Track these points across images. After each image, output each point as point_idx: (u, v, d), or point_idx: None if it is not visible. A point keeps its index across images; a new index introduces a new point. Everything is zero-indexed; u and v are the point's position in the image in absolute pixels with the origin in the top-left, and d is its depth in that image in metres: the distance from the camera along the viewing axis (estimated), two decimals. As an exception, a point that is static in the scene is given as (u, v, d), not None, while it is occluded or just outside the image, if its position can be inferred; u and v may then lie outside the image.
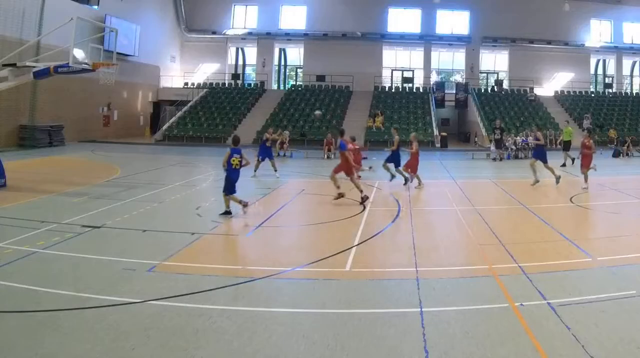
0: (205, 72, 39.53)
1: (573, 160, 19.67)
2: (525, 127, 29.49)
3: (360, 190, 11.47)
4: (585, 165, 14.21)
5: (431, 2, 36.85)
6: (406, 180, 14.13)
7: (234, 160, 9.95)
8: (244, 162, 10.09)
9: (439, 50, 39.52)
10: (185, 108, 34.02)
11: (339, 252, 7.43)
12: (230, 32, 39.21)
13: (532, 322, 4.91)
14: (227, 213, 9.78)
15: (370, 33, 38.05)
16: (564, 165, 19.77)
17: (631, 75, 40.02)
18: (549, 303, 5.37)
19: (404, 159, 14.55)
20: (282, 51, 40.73)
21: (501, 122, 25.85)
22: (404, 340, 4.61)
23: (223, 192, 9.89)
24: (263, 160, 16.12)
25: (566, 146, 21.65)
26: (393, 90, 37.39)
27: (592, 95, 37.37)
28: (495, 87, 38.42)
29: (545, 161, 14.47)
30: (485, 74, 40.30)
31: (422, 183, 14.03)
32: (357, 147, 15.46)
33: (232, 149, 10.11)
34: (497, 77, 39.91)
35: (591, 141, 14.72)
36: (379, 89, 37.07)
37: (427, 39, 38.59)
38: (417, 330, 4.81)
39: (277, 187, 13.59)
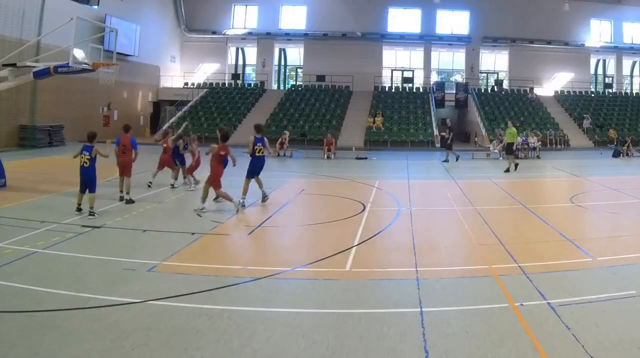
0: (205, 72, 39.51)
1: (516, 165, 18.47)
2: (526, 127, 29.53)
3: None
4: (212, 181, 10.19)
5: (431, 2, 36.80)
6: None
7: (82, 158, 9.68)
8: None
9: (439, 50, 39.49)
10: (185, 108, 34.00)
11: (339, 252, 7.43)
12: (230, 32, 39.20)
13: (532, 322, 4.91)
14: (79, 209, 9.62)
15: (370, 33, 38.03)
16: (508, 170, 18.24)
17: (631, 75, 40.00)
18: (549, 303, 5.37)
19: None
20: (282, 51, 40.71)
21: (451, 121, 24.94)
22: (404, 340, 4.61)
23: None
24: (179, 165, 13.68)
25: (509, 149, 19.36)
26: (393, 90, 37.38)
27: (592, 95, 37.37)
28: (495, 87, 38.40)
29: (251, 177, 10.98)
30: (485, 74, 40.28)
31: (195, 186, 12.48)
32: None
33: (84, 145, 9.74)
34: (497, 77, 39.89)
35: (228, 148, 10.41)
36: (379, 89, 37.06)
37: (427, 39, 38.56)
38: (417, 330, 4.81)
39: (277, 187, 13.57)
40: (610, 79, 39.54)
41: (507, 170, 18.18)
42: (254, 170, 10.97)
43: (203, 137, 30.42)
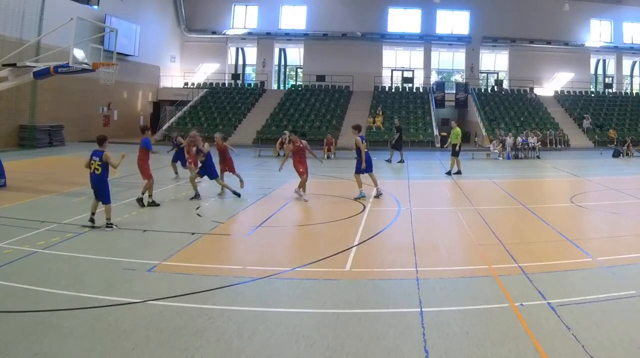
0: (205, 72, 39.51)
1: (450, 172, 17.04)
2: (526, 127, 29.52)
3: None
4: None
5: (431, 2, 36.81)
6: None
7: (92, 164, 8.67)
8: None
9: (439, 50, 39.48)
10: (185, 108, 34.00)
11: (339, 252, 7.43)
12: (230, 32, 39.19)
13: (532, 322, 4.91)
14: (91, 220, 8.77)
15: (370, 33, 38.03)
16: (458, 172, 16.93)
17: (631, 75, 39.99)
18: (549, 303, 5.37)
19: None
20: (282, 51, 40.71)
21: (400, 121, 23.48)
22: (404, 340, 4.61)
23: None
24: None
25: (454, 151, 17.61)
26: (393, 90, 37.38)
27: (592, 95, 37.36)
28: (495, 87, 38.40)
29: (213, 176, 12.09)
30: (485, 74, 40.26)
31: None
32: None
33: (94, 150, 8.80)
34: (497, 77, 39.89)
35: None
36: (379, 89, 37.05)
37: (427, 39, 38.56)
38: (417, 330, 4.81)
39: (277, 187, 13.58)
40: (610, 79, 39.53)
41: (450, 173, 16.99)
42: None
43: (203, 137, 30.52)
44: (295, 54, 40.63)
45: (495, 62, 40.15)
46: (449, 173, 17.06)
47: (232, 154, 12.93)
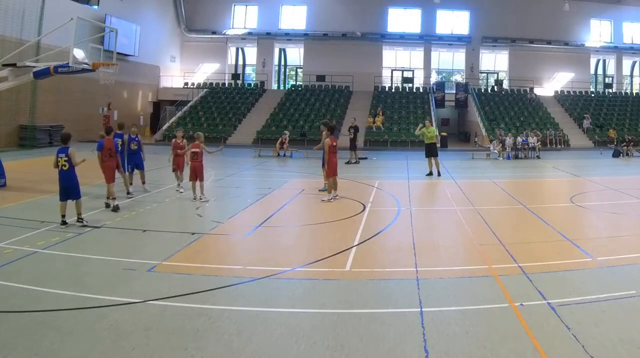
0: (205, 72, 39.53)
1: (436, 172, 16.46)
2: (526, 127, 29.52)
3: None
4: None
5: (431, 2, 36.81)
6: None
7: (59, 161, 8.70)
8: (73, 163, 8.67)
9: (439, 50, 39.51)
10: (185, 108, 34.01)
11: (339, 252, 7.43)
12: (230, 32, 39.21)
13: (532, 322, 4.91)
14: (64, 223, 8.67)
15: (370, 33, 38.04)
16: (429, 173, 16.52)
17: (631, 75, 40.01)
18: (549, 303, 5.37)
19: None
20: (282, 51, 40.72)
21: (355, 120, 22.43)
22: (404, 340, 4.61)
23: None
24: (132, 171, 12.36)
25: (431, 151, 16.74)
26: (393, 90, 37.39)
27: (592, 95, 37.37)
28: (495, 87, 38.40)
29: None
30: (485, 74, 40.27)
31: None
32: None
33: (59, 148, 8.80)
34: (497, 77, 39.90)
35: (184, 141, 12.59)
36: (379, 89, 37.07)
37: (427, 39, 38.57)
38: (417, 330, 4.81)
39: (277, 187, 13.57)
40: (610, 79, 39.54)
41: (431, 173, 16.58)
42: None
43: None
44: (295, 54, 40.64)
45: (495, 62, 40.17)
46: (430, 173, 16.57)
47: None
